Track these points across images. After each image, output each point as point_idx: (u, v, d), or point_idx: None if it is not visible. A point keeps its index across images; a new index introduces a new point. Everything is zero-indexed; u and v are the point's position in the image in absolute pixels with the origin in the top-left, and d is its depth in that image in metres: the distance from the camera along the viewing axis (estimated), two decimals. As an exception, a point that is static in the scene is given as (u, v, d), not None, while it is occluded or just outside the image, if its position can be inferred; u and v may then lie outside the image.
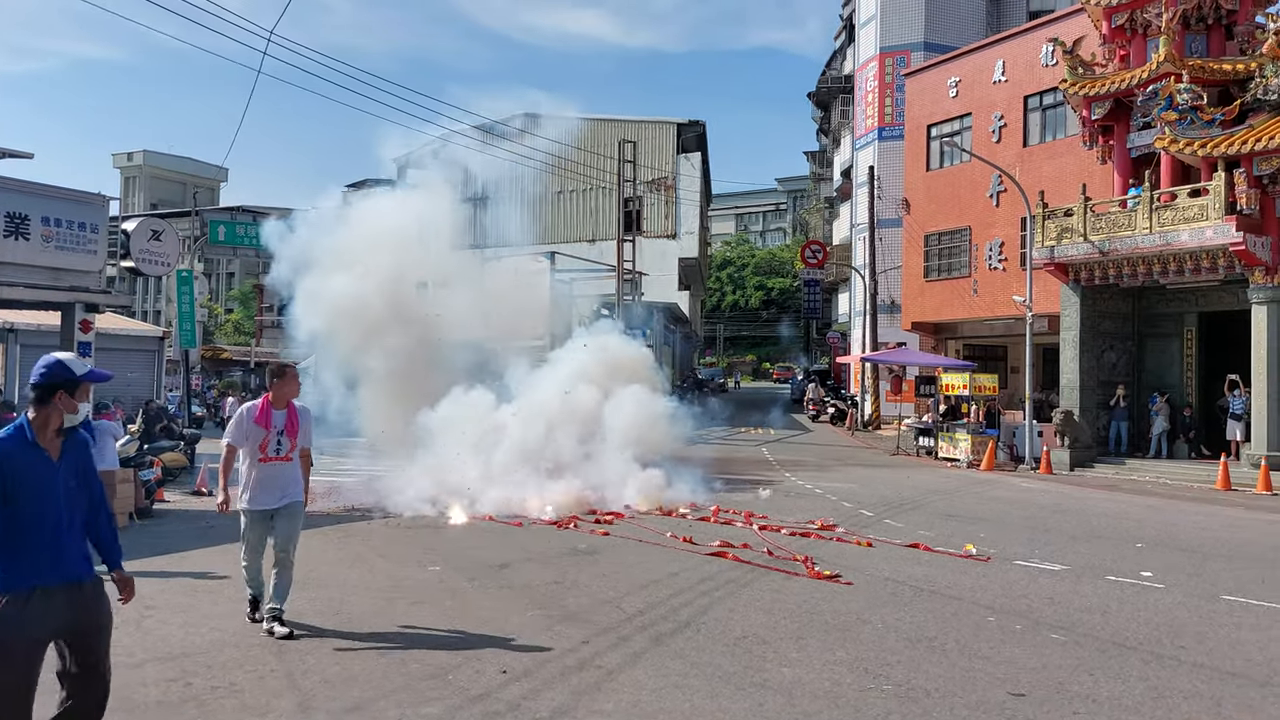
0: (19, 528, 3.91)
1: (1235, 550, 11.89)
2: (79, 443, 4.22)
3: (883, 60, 38.17)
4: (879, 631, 7.53)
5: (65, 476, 4.07)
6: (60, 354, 4.08)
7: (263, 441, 7.18)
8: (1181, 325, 23.92)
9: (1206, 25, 22.71)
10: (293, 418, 7.31)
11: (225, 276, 74.11)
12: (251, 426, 7.20)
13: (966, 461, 23.48)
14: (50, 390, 4.00)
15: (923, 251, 32.65)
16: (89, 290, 14.62)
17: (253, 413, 7.26)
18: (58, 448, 4.07)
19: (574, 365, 16.93)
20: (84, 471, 4.22)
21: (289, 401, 7.35)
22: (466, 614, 7.89)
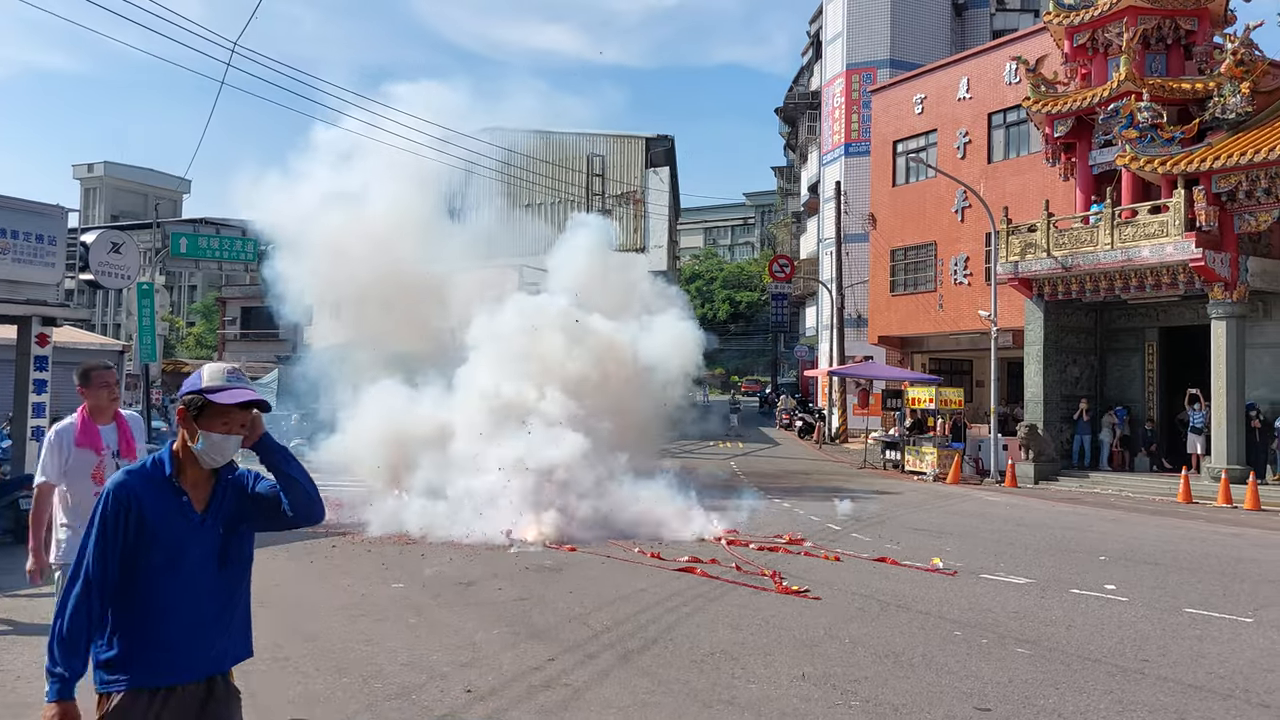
0: (150, 602, 2.92)
1: (1197, 563, 12.01)
2: (234, 488, 3.13)
3: (849, 77, 38.50)
4: (846, 647, 7.51)
5: (212, 534, 3.04)
6: (215, 364, 3.11)
7: (95, 469, 5.41)
8: (1143, 340, 24.25)
9: (1166, 45, 23.10)
10: (125, 432, 5.66)
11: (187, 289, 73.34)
12: (74, 452, 5.39)
13: (933, 475, 23.60)
14: (190, 408, 2.99)
15: (889, 266, 32.89)
16: (47, 304, 14.33)
17: (70, 433, 5.42)
18: (205, 494, 3.06)
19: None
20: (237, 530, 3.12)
21: (115, 412, 5.68)
22: (431, 632, 7.78)
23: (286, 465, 3.11)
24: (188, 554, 2.96)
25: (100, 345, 22.92)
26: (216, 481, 3.08)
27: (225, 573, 3.05)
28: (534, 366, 15.12)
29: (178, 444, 3.03)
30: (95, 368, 5.69)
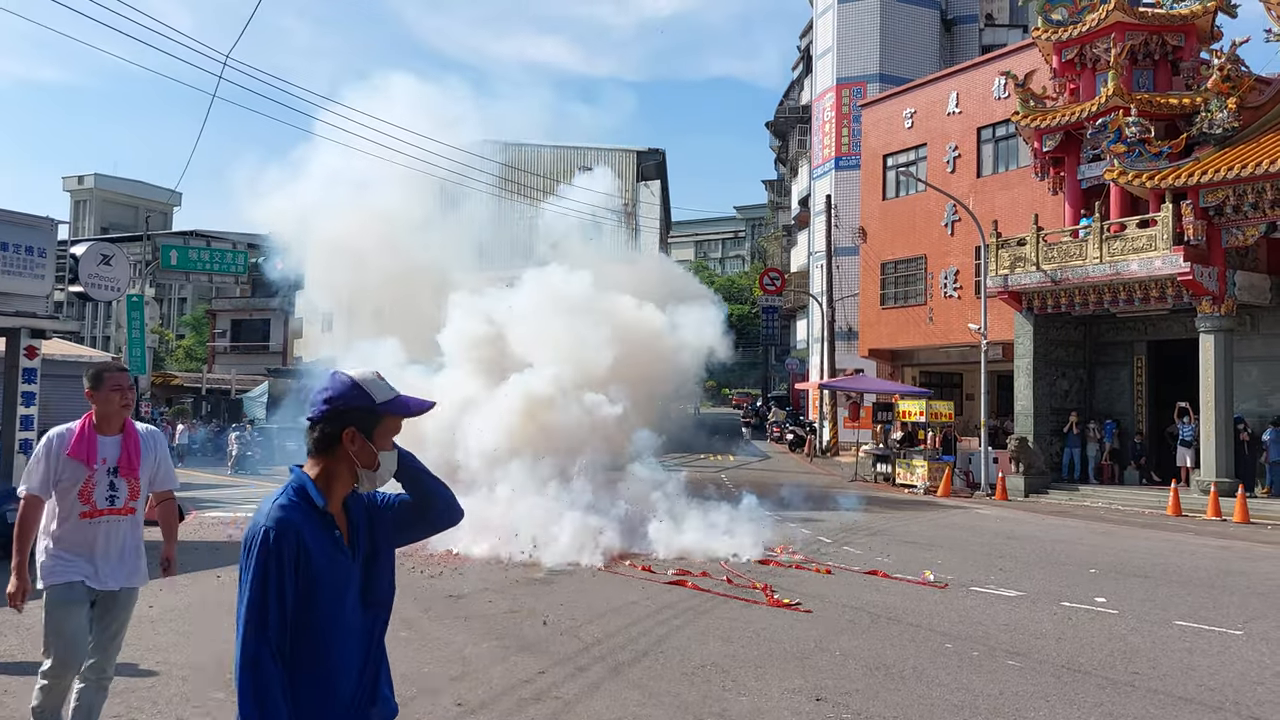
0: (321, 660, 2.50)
1: (1187, 576, 12.04)
2: (362, 510, 2.68)
3: (840, 91, 38.69)
4: (837, 660, 7.51)
5: (359, 569, 2.62)
6: (354, 370, 2.62)
7: (84, 485, 4.69)
8: (1132, 353, 24.36)
9: (1153, 61, 23.29)
10: (132, 447, 4.84)
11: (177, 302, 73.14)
12: (64, 462, 4.67)
13: (924, 488, 23.63)
14: (339, 424, 2.55)
15: (879, 279, 32.99)
16: (35, 315, 14.29)
17: (64, 442, 4.71)
18: (345, 525, 2.62)
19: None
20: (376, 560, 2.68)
21: (125, 422, 4.91)
22: (422, 645, 7.75)
23: (421, 468, 2.73)
24: (347, 597, 2.56)
25: (90, 357, 22.82)
26: (349, 510, 2.65)
27: (368, 614, 2.63)
28: (552, 353, 15.03)
29: (317, 470, 2.56)
30: (109, 368, 5.01)
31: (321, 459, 2.57)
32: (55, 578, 4.63)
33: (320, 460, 2.57)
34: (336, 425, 2.54)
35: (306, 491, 2.53)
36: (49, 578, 4.64)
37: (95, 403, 4.84)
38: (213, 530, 14.75)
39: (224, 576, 10.66)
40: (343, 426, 2.54)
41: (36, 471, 4.68)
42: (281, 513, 2.46)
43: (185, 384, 44.72)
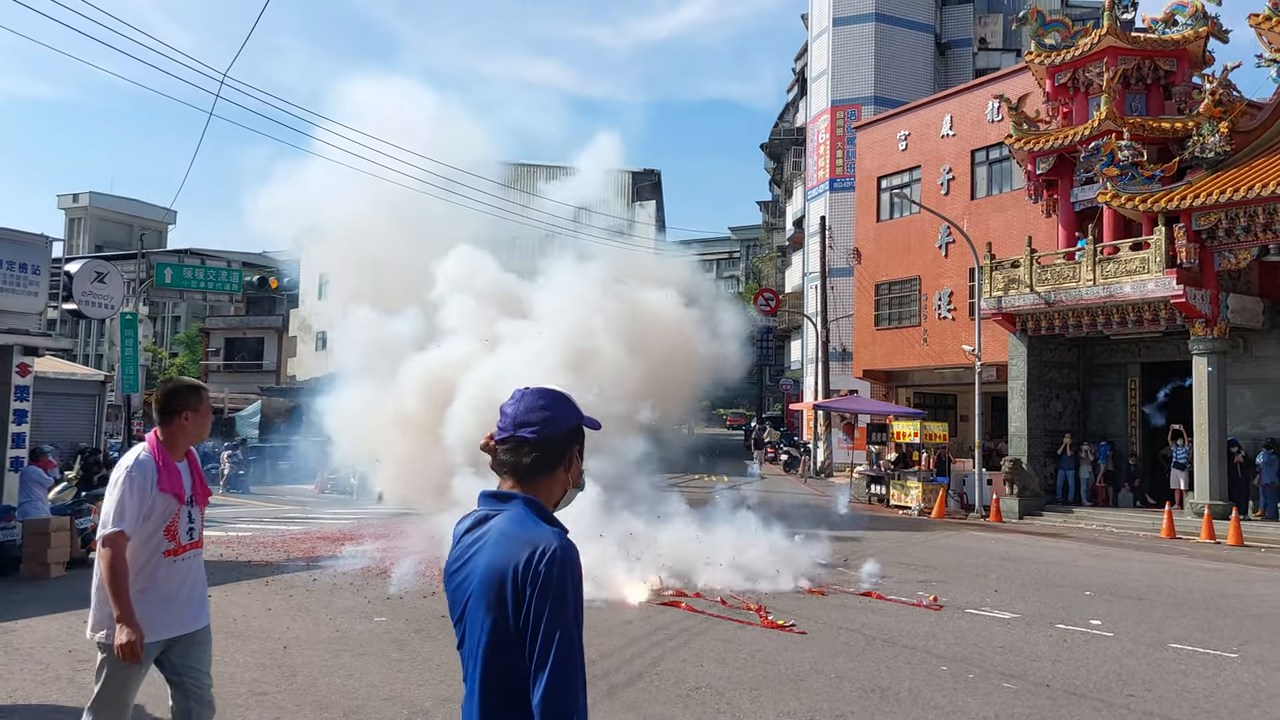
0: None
1: (1181, 598, 12.02)
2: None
3: (834, 113, 38.91)
4: (832, 681, 7.46)
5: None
6: (545, 386, 2.47)
7: (171, 522, 4.28)
8: (1125, 375, 24.41)
9: (1146, 85, 23.46)
10: (199, 474, 4.53)
11: (171, 320, 73.03)
12: (157, 498, 4.22)
13: (918, 509, 23.59)
14: (567, 443, 2.38)
15: (873, 300, 33.05)
16: (29, 333, 14.24)
17: (150, 473, 4.21)
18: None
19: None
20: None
21: (189, 448, 4.50)
22: (414, 666, 7.69)
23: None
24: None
25: (83, 375, 22.75)
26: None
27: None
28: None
29: (534, 493, 2.35)
30: (203, 386, 4.52)
31: (537, 480, 2.34)
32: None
33: (535, 482, 2.33)
34: (565, 444, 2.36)
35: (554, 517, 2.32)
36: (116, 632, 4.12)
37: (191, 425, 4.37)
38: (203, 550, 14.64)
39: (214, 596, 10.58)
40: (570, 445, 2.38)
41: (129, 506, 4.12)
42: (569, 541, 2.21)
43: (178, 402, 44.51)
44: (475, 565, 2.23)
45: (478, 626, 2.19)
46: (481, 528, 2.30)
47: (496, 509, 2.31)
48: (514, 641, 2.13)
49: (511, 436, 2.33)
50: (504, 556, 2.16)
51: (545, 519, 2.27)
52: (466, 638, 2.25)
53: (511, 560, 2.14)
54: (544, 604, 2.10)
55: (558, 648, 2.08)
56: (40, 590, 11.06)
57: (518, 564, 2.13)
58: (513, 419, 2.34)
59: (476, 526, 2.31)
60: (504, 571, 2.14)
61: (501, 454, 2.35)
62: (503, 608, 2.14)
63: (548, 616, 2.09)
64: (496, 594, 2.15)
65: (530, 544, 2.16)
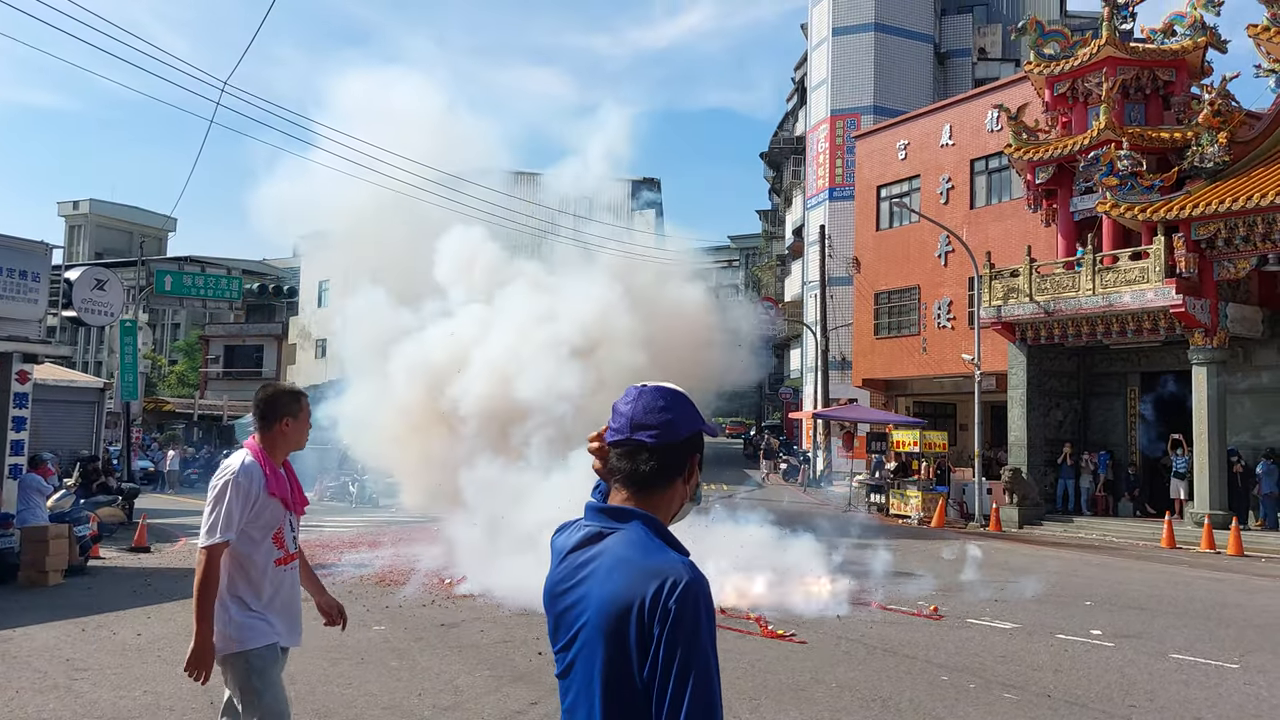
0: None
1: (1182, 608, 12.00)
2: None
3: (834, 122, 38.97)
4: (833, 691, 7.44)
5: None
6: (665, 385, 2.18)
7: (279, 529, 4.12)
8: (1125, 384, 24.42)
9: (1145, 95, 23.52)
10: (296, 482, 4.32)
11: (170, 327, 73.02)
12: (265, 503, 4.04)
13: (917, 518, 23.57)
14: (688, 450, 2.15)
15: (873, 309, 33.07)
16: (28, 340, 14.23)
17: (258, 477, 4.03)
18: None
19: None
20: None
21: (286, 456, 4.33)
22: (413, 675, 7.67)
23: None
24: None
25: (82, 383, 22.73)
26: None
27: None
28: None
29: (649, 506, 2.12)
30: (297, 391, 4.31)
31: (654, 492, 2.10)
32: (261, 638, 3.97)
33: (652, 493, 2.10)
34: (685, 451, 2.12)
35: (677, 541, 2.07)
36: (252, 639, 3.94)
37: (291, 432, 4.21)
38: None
39: (213, 604, 10.55)
40: (690, 453, 2.14)
41: (235, 514, 3.93)
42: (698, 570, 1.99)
43: (177, 410, 44.59)
44: (590, 593, 1.99)
45: (594, 663, 1.96)
46: (592, 547, 2.06)
47: (610, 526, 2.07)
48: (638, 684, 1.91)
49: (627, 440, 2.09)
50: (627, 589, 1.93)
51: (668, 543, 2.04)
52: (576, 670, 2.01)
53: (636, 594, 1.91)
54: (676, 646, 1.87)
55: (693, 695, 1.85)
56: (38, 598, 11.03)
57: (644, 598, 1.90)
58: (629, 419, 2.10)
59: (586, 545, 2.07)
60: (627, 606, 1.91)
61: (615, 459, 2.12)
62: (625, 647, 1.91)
63: (680, 660, 1.87)
64: (618, 631, 1.92)
65: (657, 575, 1.92)
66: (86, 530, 13.50)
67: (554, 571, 2.11)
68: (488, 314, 17.36)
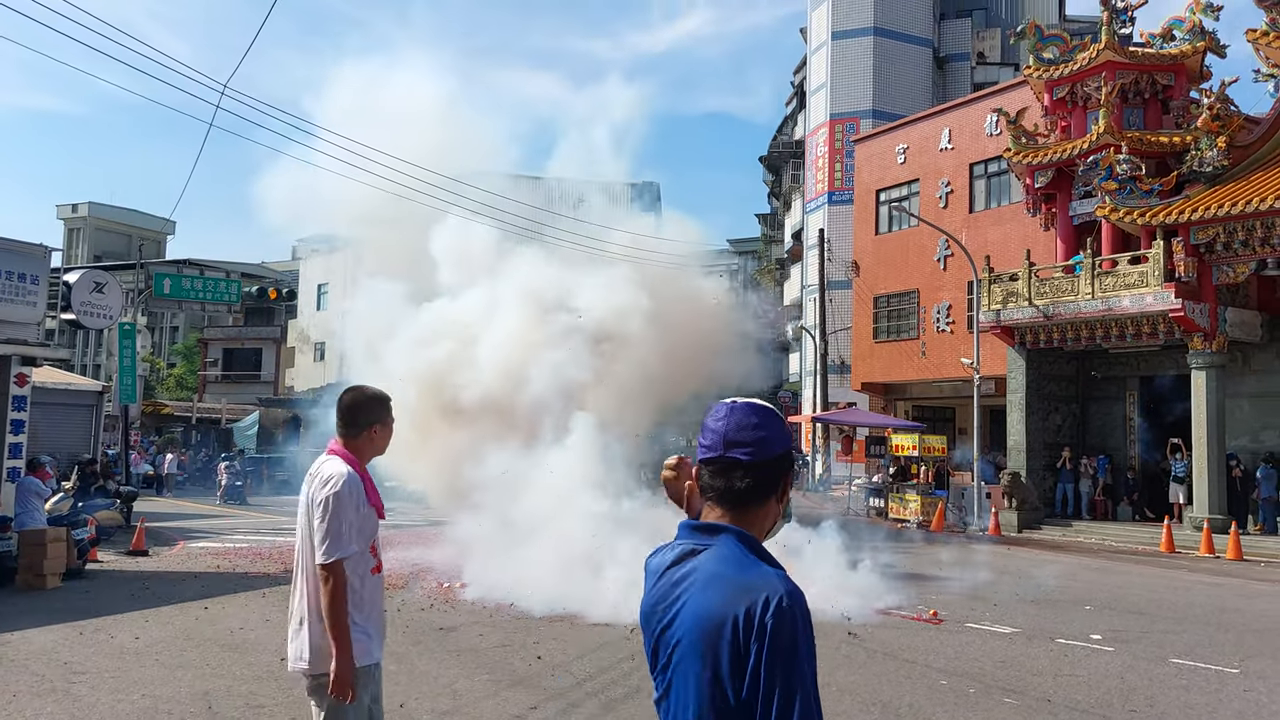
0: None
1: (1182, 613, 11.98)
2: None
3: (833, 126, 38.99)
4: (834, 695, 7.43)
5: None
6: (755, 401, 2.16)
7: (374, 539, 3.98)
8: (1124, 388, 24.41)
9: (1144, 99, 23.54)
10: (374, 488, 4.04)
11: (169, 330, 72.98)
12: (367, 514, 3.90)
13: (916, 522, 23.55)
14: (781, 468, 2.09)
15: (872, 313, 33.07)
16: (27, 343, 14.23)
17: (359, 487, 3.87)
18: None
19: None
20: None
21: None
22: (411, 679, 7.65)
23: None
24: None
25: (80, 386, 22.71)
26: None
27: None
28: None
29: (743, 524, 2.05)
30: (384, 397, 4.12)
31: (749, 510, 2.05)
32: (364, 656, 3.81)
33: (747, 511, 2.05)
34: (779, 468, 2.07)
35: (771, 556, 2.01)
36: (356, 657, 3.77)
37: (378, 438, 4.05)
38: (200, 561, 14.62)
39: (211, 608, 10.55)
40: (784, 470, 2.09)
41: (355, 525, 3.79)
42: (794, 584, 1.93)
43: (175, 413, 44.52)
44: (684, 611, 1.94)
45: (690, 685, 1.89)
46: (686, 564, 2.01)
47: (702, 543, 2.02)
48: (734, 703, 1.84)
49: (721, 458, 2.04)
50: (721, 605, 1.88)
51: (762, 557, 1.99)
52: (674, 695, 1.94)
53: (730, 610, 1.86)
54: (774, 664, 1.81)
55: (792, 714, 1.79)
56: (36, 602, 11.01)
57: (738, 615, 1.85)
58: (722, 437, 2.05)
59: (680, 562, 2.02)
60: (721, 624, 1.86)
61: (707, 477, 2.07)
62: (720, 665, 1.85)
63: (781, 680, 1.81)
64: (712, 650, 1.86)
65: (752, 591, 1.87)
66: (85, 533, 13.47)
67: (649, 592, 2.06)
68: (491, 297, 17.47)
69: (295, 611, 3.88)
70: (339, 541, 3.70)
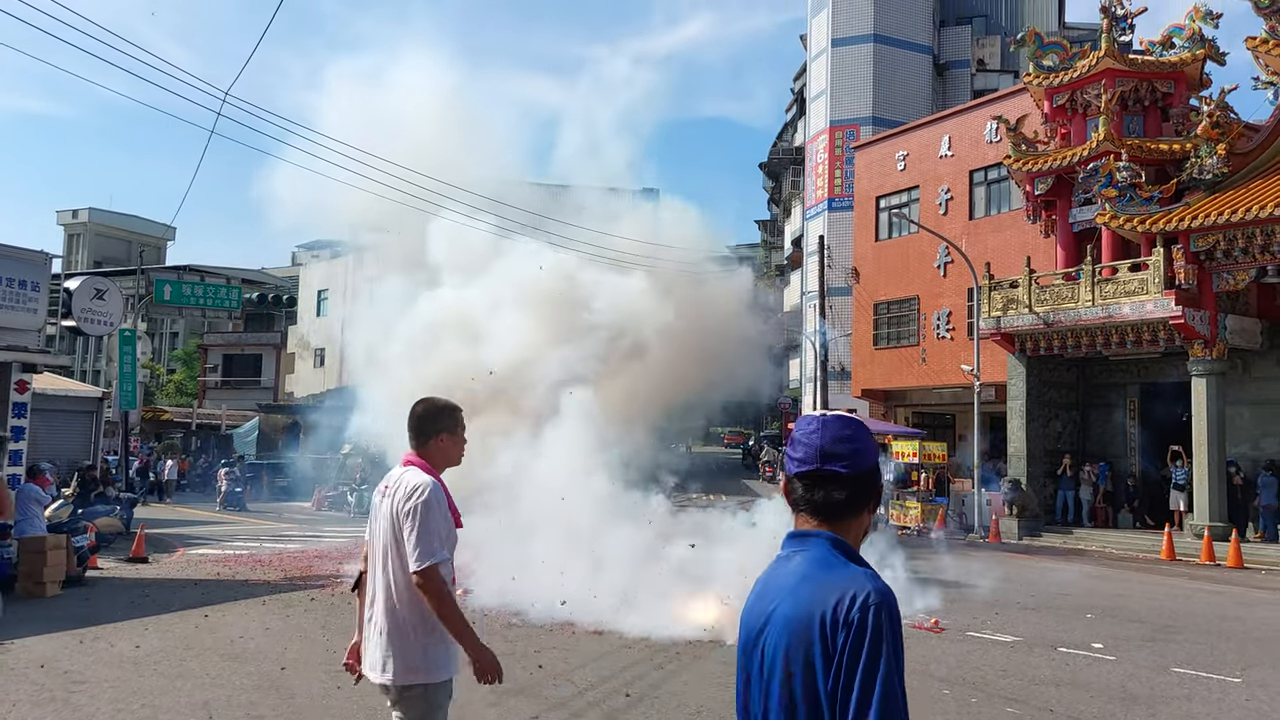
0: None
1: (1183, 621, 11.96)
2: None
3: (833, 133, 39.04)
4: (834, 706, 7.40)
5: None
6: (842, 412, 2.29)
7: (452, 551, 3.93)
8: (1124, 395, 24.41)
9: (1143, 107, 23.57)
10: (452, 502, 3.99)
11: (169, 336, 72.96)
12: (451, 526, 3.88)
13: (916, 529, 23.53)
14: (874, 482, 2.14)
15: (872, 320, 33.07)
16: (27, 349, 14.23)
17: (443, 494, 3.85)
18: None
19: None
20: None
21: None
22: (412, 688, 7.62)
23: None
24: None
25: (80, 392, 22.70)
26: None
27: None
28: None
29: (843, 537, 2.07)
30: (454, 406, 4.10)
31: (845, 522, 2.06)
32: (445, 671, 3.83)
33: (843, 523, 2.06)
34: (872, 480, 2.10)
35: (861, 557, 2.05)
36: (439, 671, 3.78)
37: (449, 447, 4.02)
38: (200, 568, 14.60)
39: (211, 616, 10.53)
40: (877, 484, 2.12)
41: (444, 530, 3.77)
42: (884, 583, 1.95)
43: (175, 419, 44.49)
44: (776, 615, 1.97)
45: (777, 686, 1.90)
46: (780, 569, 2.06)
47: (798, 548, 2.06)
48: (823, 705, 1.84)
49: (818, 471, 2.05)
50: (808, 603, 1.90)
51: (852, 558, 2.00)
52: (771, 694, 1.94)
53: (818, 607, 1.88)
54: (858, 658, 1.82)
55: (877, 707, 1.78)
56: (36, 609, 10.98)
57: (824, 612, 1.87)
58: (818, 450, 2.06)
59: (777, 570, 2.08)
60: (808, 621, 1.88)
61: (801, 490, 2.08)
62: (810, 665, 1.86)
63: (863, 673, 1.81)
64: (802, 648, 1.88)
65: (839, 588, 1.90)
66: (84, 540, 13.45)
67: (750, 601, 2.10)
68: (496, 291, 17.61)
69: (376, 623, 3.83)
70: (431, 548, 3.68)
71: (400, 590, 3.74)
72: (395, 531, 3.76)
